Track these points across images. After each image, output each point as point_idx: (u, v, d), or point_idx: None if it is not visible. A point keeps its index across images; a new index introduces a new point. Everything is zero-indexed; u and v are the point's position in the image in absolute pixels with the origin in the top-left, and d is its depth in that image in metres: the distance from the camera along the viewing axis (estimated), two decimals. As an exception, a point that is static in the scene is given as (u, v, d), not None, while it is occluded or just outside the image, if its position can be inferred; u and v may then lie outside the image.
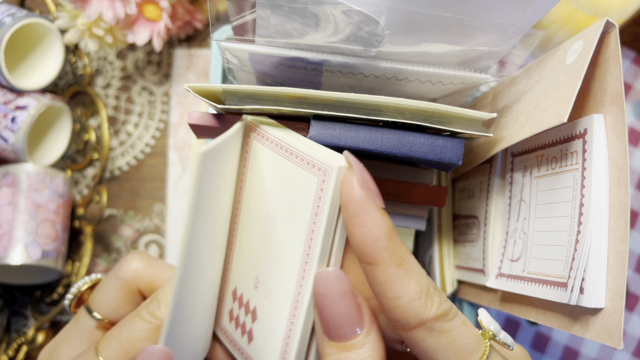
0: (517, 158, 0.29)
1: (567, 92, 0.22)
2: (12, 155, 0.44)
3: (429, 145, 0.23)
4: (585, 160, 0.23)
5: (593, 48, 0.21)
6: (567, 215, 0.24)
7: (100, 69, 0.52)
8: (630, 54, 0.49)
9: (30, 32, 0.46)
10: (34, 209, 0.43)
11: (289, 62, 0.24)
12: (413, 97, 0.27)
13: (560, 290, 0.23)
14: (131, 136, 0.52)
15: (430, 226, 0.38)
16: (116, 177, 0.52)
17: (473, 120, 0.23)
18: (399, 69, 0.24)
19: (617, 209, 0.22)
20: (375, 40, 0.22)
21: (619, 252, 0.21)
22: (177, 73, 0.52)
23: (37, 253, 0.42)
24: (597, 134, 0.22)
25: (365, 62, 0.24)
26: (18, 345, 0.46)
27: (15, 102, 0.44)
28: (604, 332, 0.21)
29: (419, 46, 0.23)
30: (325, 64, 0.24)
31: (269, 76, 0.27)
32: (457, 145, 0.23)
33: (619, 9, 0.39)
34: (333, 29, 0.22)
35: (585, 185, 0.22)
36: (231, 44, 0.24)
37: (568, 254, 0.23)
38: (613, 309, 0.21)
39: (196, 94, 0.24)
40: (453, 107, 0.22)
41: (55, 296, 0.47)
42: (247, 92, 0.23)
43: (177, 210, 0.51)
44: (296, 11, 0.22)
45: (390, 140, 0.23)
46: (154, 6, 0.43)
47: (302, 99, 0.23)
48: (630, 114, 0.49)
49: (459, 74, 0.24)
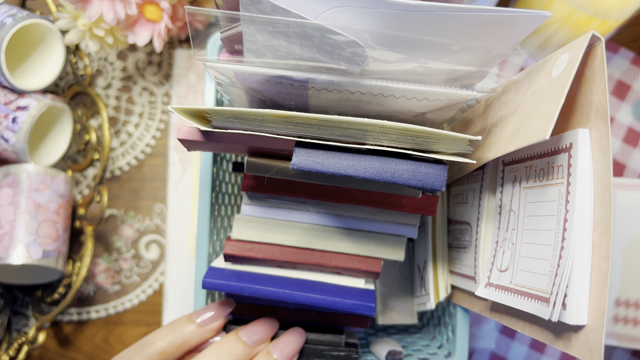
0: (507, 167, 0.29)
1: (550, 107, 0.22)
2: (13, 156, 0.45)
3: (412, 172, 0.23)
4: (570, 175, 0.23)
5: (578, 62, 0.21)
6: (551, 230, 0.24)
7: (101, 70, 0.53)
8: (630, 54, 0.49)
9: (31, 32, 0.46)
10: (35, 209, 0.43)
11: (275, 79, 0.24)
12: (401, 110, 0.26)
13: (542, 305, 0.23)
14: (132, 136, 0.52)
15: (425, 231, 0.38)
16: (117, 177, 0.52)
17: (459, 140, 0.23)
18: (383, 87, 0.24)
19: (601, 225, 0.21)
20: (358, 59, 0.22)
21: (601, 270, 0.21)
22: (178, 73, 0.52)
23: (38, 253, 0.43)
24: (582, 148, 0.22)
25: (350, 80, 0.24)
26: (19, 344, 0.46)
27: (16, 102, 0.44)
28: (585, 349, 0.21)
29: (401, 65, 0.23)
30: (311, 82, 0.24)
31: (256, 91, 0.27)
32: (440, 171, 0.23)
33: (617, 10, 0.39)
34: (317, 47, 0.22)
35: (570, 200, 0.22)
36: (217, 64, 0.24)
37: (552, 269, 0.23)
38: (595, 327, 0.21)
39: (180, 114, 0.24)
40: (437, 130, 0.22)
41: (56, 296, 0.47)
42: (232, 113, 0.23)
43: (177, 210, 0.51)
44: (279, 32, 0.22)
45: (373, 167, 0.23)
46: (155, 7, 0.43)
47: (288, 119, 0.23)
48: (629, 114, 0.49)
49: (444, 91, 0.24)
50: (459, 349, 0.36)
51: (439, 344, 0.39)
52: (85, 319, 0.51)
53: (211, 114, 0.24)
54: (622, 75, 0.50)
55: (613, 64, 0.50)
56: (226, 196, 0.39)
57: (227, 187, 0.40)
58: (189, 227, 0.51)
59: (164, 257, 0.51)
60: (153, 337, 0.29)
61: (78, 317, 0.51)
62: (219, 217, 0.38)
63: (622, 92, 0.49)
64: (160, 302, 0.51)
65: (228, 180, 0.40)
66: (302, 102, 0.27)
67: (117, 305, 0.51)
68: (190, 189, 0.52)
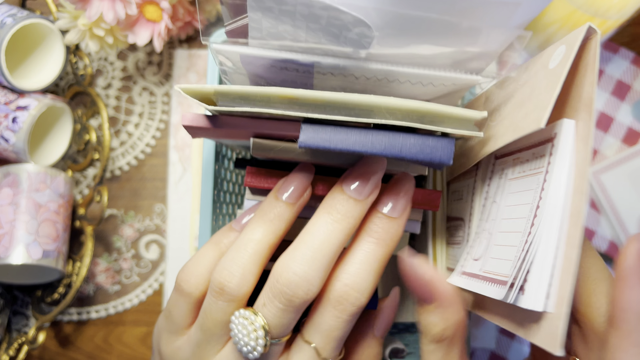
0: (498, 160, 0.29)
1: (546, 97, 0.22)
2: (13, 156, 0.45)
3: (419, 145, 0.23)
4: (549, 164, 0.23)
5: (574, 54, 0.21)
6: (524, 217, 0.24)
7: (101, 70, 0.53)
8: (630, 54, 0.49)
9: (31, 32, 0.46)
10: (35, 209, 0.43)
11: (281, 63, 0.25)
12: (405, 98, 0.27)
13: (500, 287, 0.23)
14: (132, 136, 0.52)
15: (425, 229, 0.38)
16: (117, 177, 0.52)
17: (465, 119, 0.23)
18: (388, 71, 0.24)
19: (575, 215, 0.21)
20: (365, 41, 0.22)
21: (570, 259, 0.21)
22: (178, 73, 0.52)
23: (38, 253, 0.43)
24: (565, 138, 0.22)
25: (355, 63, 0.24)
26: (19, 344, 0.46)
27: (16, 102, 0.44)
28: (548, 337, 0.21)
29: (408, 47, 0.23)
30: (316, 66, 0.24)
31: (261, 78, 0.27)
32: (447, 145, 0.23)
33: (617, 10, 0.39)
34: (323, 30, 0.22)
35: (545, 188, 0.22)
36: (223, 46, 0.24)
37: (517, 254, 0.23)
38: (558, 315, 0.21)
39: (188, 95, 0.24)
40: (444, 106, 0.22)
41: (56, 296, 0.47)
42: (238, 93, 0.23)
43: (177, 210, 0.51)
44: (286, 13, 0.22)
45: (381, 142, 0.23)
46: (155, 7, 0.43)
47: (294, 100, 0.23)
48: (629, 114, 0.49)
49: (449, 75, 0.24)
50: (460, 349, 0.36)
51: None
52: (85, 319, 0.51)
53: (217, 95, 0.24)
54: (622, 75, 0.50)
55: (613, 64, 0.50)
56: (227, 194, 0.39)
57: (229, 185, 0.40)
58: (189, 227, 0.51)
59: (164, 257, 0.51)
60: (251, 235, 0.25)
61: (78, 317, 0.51)
62: (221, 215, 0.38)
63: (622, 92, 0.49)
64: (160, 302, 0.51)
65: (229, 179, 0.40)
66: None
67: (117, 305, 0.51)
68: (191, 189, 0.52)
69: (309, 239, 0.23)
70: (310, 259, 0.23)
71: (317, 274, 0.23)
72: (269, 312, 0.23)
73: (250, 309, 0.24)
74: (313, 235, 0.24)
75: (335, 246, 0.23)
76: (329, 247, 0.23)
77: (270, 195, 0.26)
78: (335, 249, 0.24)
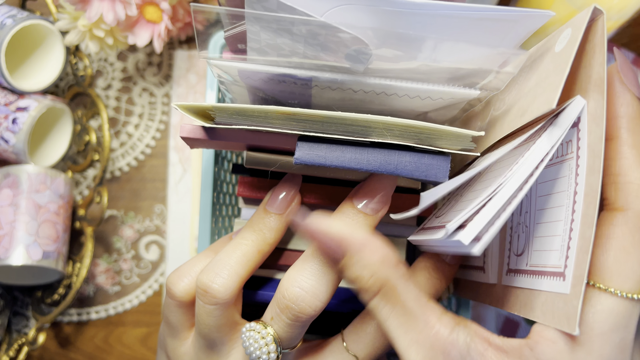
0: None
1: (555, 79, 0.22)
2: (13, 157, 0.45)
3: (415, 163, 0.23)
4: (579, 149, 0.23)
5: (581, 34, 0.21)
6: (562, 205, 0.23)
7: (101, 70, 0.53)
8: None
9: (31, 33, 0.46)
10: (35, 210, 0.43)
11: (279, 77, 0.25)
12: (403, 110, 0.27)
13: (558, 280, 0.23)
14: (132, 137, 0.52)
15: None
16: (117, 178, 0.52)
17: (462, 136, 0.23)
18: (387, 85, 0.24)
19: (589, 195, 0.21)
20: (363, 58, 0.22)
21: (585, 238, 0.21)
22: (178, 74, 0.52)
23: (38, 254, 0.43)
24: (584, 122, 0.22)
25: (353, 78, 0.24)
26: (19, 345, 0.46)
27: (16, 103, 0.44)
28: (563, 317, 0.21)
29: (404, 63, 0.23)
30: (314, 80, 0.24)
31: (260, 90, 0.27)
32: (443, 162, 0.23)
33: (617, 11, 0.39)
34: (321, 45, 0.22)
35: (579, 173, 0.22)
36: (220, 62, 0.24)
37: (563, 243, 0.23)
38: (574, 295, 0.21)
39: (184, 111, 0.24)
40: (441, 126, 0.22)
41: (56, 297, 0.47)
42: (236, 110, 0.23)
43: (177, 211, 0.51)
44: (284, 29, 0.22)
45: (376, 160, 0.23)
46: (155, 8, 0.43)
47: (291, 116, 0.23)
48: (629, 114, 0.49)
49: (446, 89, 0.24)
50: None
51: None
52: (85, 319, 0.51)
53: (215, 111, 0.24)
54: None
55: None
56: (227, 196, 0.39)
57: (229, 187, 0.40)
58: (189, 228, 0.51)
59: (164, 258, 0.51)
60: (240, 240, 0.25)
61: (78, 317, 0.51)
62: (220, 217, 0.38)
63: (622, 92, 0.49)
64: (160, 302, 0.51)
65: (229, 181, 0.40)
66: (305, 102, 0.27)
67: (117, 306, 0.51)
68: (191, 190, 0.52)
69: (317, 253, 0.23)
70: (318, 272, 0.23)
71: (324, 288, 0.23)
72: (278, 327, 0.23)
73: (260, 321, 0.24)
74: None
75: None
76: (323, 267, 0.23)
77: (259, 207, 0.27)
78: None
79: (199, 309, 0.24)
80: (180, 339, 0.26)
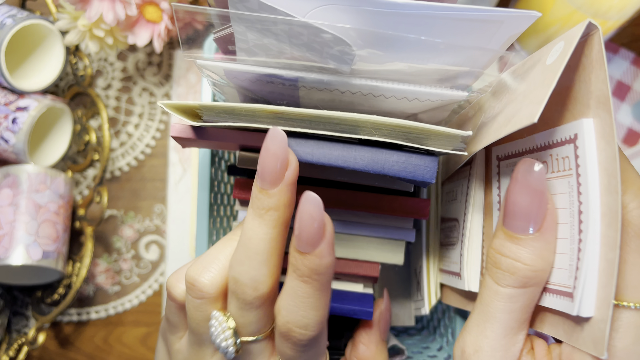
0: (503, 162, 0.29)
1: (541, 92, 0.22)
2: (13, 156, 0.45)
3: (402, 163, 0.23)
4: (578, 167, 0.22)
5: (572, 47, 0.21)
6: (566, 223, 0.23)
7: (101, 70, 0.53)
8: (630, 54, 0.49)
9: (31, 33, 0.46)
10: (35, 210, 0.43)
11: (266, 77, 0.24)
12: (392, 111, 0.26)
13: (567, 300, 0.22)
14: (132, 137, 0.52)
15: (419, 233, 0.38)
16: (117, 178, 0.52)
17: (451, 136, 0.23)
18: (373, 87, 0.24)
19: (608, 215, 0.21)
20: (346, 58, 0.22)
21: (609, 260, 0.21)
22: (178, 74, 0.52)
23: (38, 254, 0.43)
24: (588, 138, 0.22)
25: (340, 79, 0.23)
26: (19, 345, 0.46)
27: (16, 103, 0.44)
28: (589, 341, 0.21)
29: (390, 65, 0.23)
30: (300, 81, 0.24)
31: (248, 91, 0.27)
32: (430, 163, 0.23)
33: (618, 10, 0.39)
34: (306, 46, 0.22)
35: (582, 192, 0.22)
36: (206, 62, 0.24)
37: (571, 263, 0.23)
38: (600, 318, 0.21)
39: (171, 110, 0.24)
40: (430, 125, 0.22)
41: (56, 297, 0.47)
42: (223, 108, 0.23)
43: (177, 210, 0.51)
44: (267, 29, 0.21)
45: (364, 158, 0.23)
46: (155, 8, 0.43)
47: (279, 115, 0.23)
48: (629, 114, 0.49)
49: (433, 91, 0.24)
50: (459, 350, 0.36)
51: (438, 346, 0.39)
52: (85, 319, 0.51)
53: (202, 109, 0.24)
54: (622, 76, 0.50)
55: (613, 64, 0.50)
56: (225, 196, 0.39)
57: (226, 187, 0.40)
58: (188, 227, 0.51)
59: (164, 258, 0.51)
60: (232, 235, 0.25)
61: (78, 317, 0.51)
62: (218, 218, 0.38)
63: (622, 92, 0.49)
64: (160, 302, 0.51)
65: (227, 181, 0.40)
66: (293, 102, 0.27)
67: (117, 306, 0.51)
68: (190, 190, 0.52)
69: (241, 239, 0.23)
70: (245, 258, 0.22)
71: (257, 271, 0.22)
72: (233, 311, 0.23)
73: (223, 310, 0.24)
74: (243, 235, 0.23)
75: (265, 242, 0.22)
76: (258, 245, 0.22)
77: (253, 187, 0.26)
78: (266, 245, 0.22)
79: (188, 302, 0.24)
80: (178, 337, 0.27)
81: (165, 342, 0.28)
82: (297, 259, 0.21)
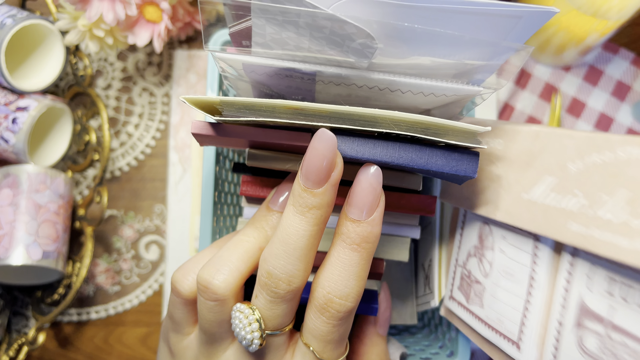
0: None
1: None
2: (13, 156, 0.45)
3: (445, 158, 0.24)
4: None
5: None
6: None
7: (101, 70, 0.53)
8: (630, 55, 0.49)
9: (31, 33, 0.46)
10: (35, 210, 0.43)
11: (284, 71, 0.25)
12: (407, 107, 0.27)
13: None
14: (132, 137, 0.52)
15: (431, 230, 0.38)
16: (117, 178, 0.52)
17: (468, 132, 0.23)
18: (390, 81, 0.24)
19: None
20: (367, 51, 0.22)
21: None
22: (178, 74, 0.52)
23: (38, 254, 0.43)
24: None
25: (357, 73, 0.24)
26: (19, 345, 0.46)
27: (16, 103, 0.44)
28: None
29: (410, 58, 0.23)
30: (318, 75, 0.24)
31: (264, 85, 0.27)
32: (472, 158, 0.24)
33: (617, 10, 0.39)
34: (326, 39, 0.22)
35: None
36: (225, 54, 0.24)
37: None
38: None
39: (192, 105, 0.24)
40: (448, 121, 0.23)
41: (55, 297, 0.47)
42: (244, 103, 0.23)
43: (177, 210, 0.51)
44: (290, 22, 0.22)
45: (408, 154, 0.24)
46: (155, 7, 0.43)
47: (299, 111, 0.23)
48: (629, 114, 0.49)
49: (450, 86, 0.24)
50: (462, 349, 0.36)
51: (440, 344, 0.39)
52: (85, 319, 0.51)
53: (222, 105, 0.24)
54: (622, 76, 0.50)
55: (613, 64, 0.50)
56: (229, 196, 0.39)
57: (230, 186, 0.40)
58: (189, 227, 0.51)
59: (164, 258, 0.51)
60: (242, 237, 0.26)
61: (78, 317, 0.51)
62: (222, 217, 0.38)
63: (622, 92, 0.49)
64: (160, 302, 0.51)
65: (231, 180, 0.40)
66: (309, 97, 0.28)
67: (117, 306, 0.51)
68: (190, 190, 0.52)
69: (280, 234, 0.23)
70: (283, 253, 0.23)
71: (293, 266, 0.23)
72: (261, 304, 0.23)
73: (247, 302, 0.24)
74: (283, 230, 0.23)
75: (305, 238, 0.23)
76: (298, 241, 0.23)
77: (262, 205, 0.27)
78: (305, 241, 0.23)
79: (200, 304, 0.24)
80: (183, 334, 0.27)
81: (166, 343, 0.28)
82: (348, 227, 0.23)
